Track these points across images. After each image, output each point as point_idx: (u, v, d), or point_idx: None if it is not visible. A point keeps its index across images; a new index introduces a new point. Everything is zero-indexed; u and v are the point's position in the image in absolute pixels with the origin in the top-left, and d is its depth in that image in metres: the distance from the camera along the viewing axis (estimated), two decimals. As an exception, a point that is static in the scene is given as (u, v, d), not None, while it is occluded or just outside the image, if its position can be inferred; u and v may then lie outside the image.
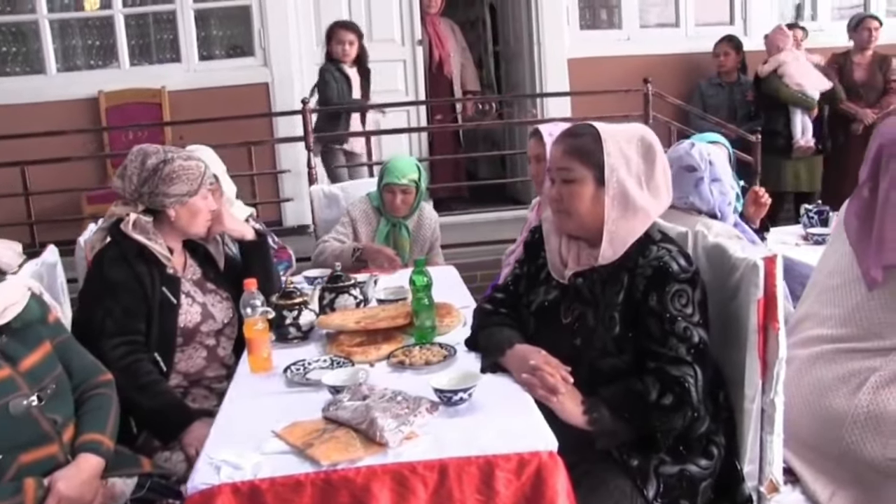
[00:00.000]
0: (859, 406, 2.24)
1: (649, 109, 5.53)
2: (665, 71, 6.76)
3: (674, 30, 7.17)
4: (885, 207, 2.27)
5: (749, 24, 7.16)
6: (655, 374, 2.14)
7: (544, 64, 6.79)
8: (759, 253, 2.22)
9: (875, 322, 2.28)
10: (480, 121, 6.60)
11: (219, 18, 6.78)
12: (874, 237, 2.29)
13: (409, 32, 6.69)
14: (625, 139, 2.26)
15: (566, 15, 6.82)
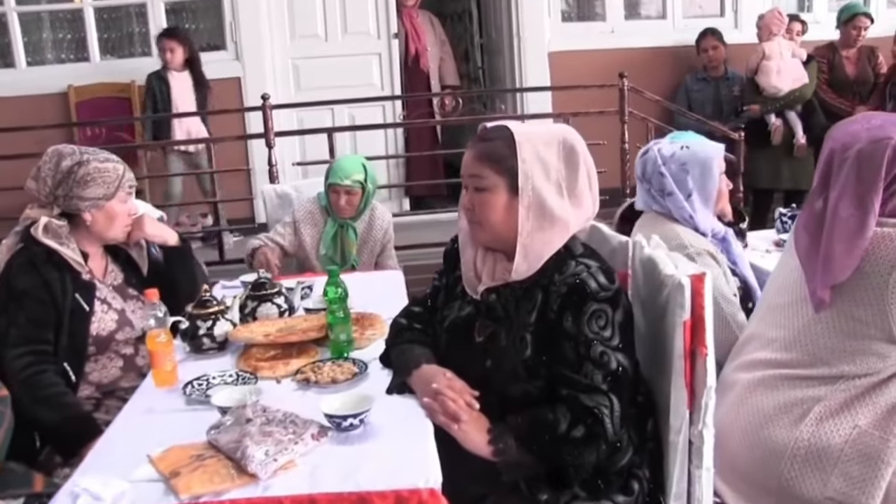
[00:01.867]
0: (800, 439, 2.04)
1: (625, 105, 5.32)
2: (651, 64, 6.57)
3: (661, 22, 6.95)
4: (833, 221, 2.07)
5: (740, 15, 6.93)
6: (568, 403, 1.94)
7: (524, 57, 6.59)
8: (688, 269, 2.01)
9: (821, 347, 2.08)
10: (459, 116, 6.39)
11: (190, 12, 6.63)
12: (821, 254, 2.08)
13: (385, 25, 6.50)
14: (543, 142, 2.04)
15: (547, 6, 6.62)
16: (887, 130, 2.03)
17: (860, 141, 2.05)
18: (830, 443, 2.01)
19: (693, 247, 2.68)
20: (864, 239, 1.99)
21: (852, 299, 2.02)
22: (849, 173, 2.04)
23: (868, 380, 2.02)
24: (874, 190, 2.00)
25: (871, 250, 1.99)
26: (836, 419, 2.02)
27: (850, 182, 2.03)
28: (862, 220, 2.00)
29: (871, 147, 2.02)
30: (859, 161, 2.03)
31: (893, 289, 1.96)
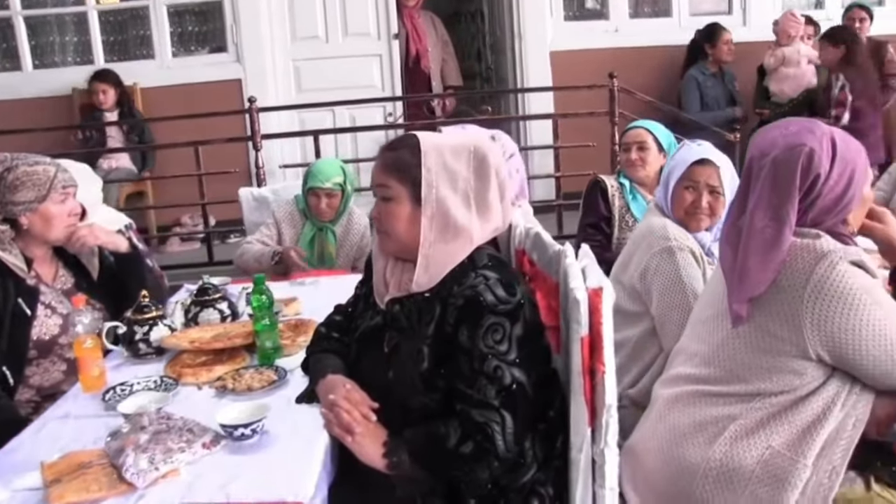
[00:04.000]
0: (713, 458, 1.98)
1: (615, 106, 5.24)
2: (657, 63, 6.50)
3: (666, 20, 6.83)
4: (749, 232, 1.98)
5: (748, 13, 6.79)
6: (460, 417, 1.91)
7: (525, 57, 6.53)
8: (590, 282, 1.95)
9: (738, 363, 2.00)
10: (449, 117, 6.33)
11: (192, 14, 6.67)
12: (737, 267, 2.01)
13: (385, 26, 6.47)
14: (452, 152, 2.01)
15: (549, 5, 6.55)
16: (802, 137, 1.95)
17: (776, 148, 1.96)
18: (742, 463, 1.94)
19: (676, 241, 2.63)
20: (780, 252, 1.91)
21: (768, 314, 1.94)
22: (764, 182, 1.96)
23: (784, 398, 1.95)
24: (789, 200, 1.92)
25: (788, 262, 1.92)
26: (750, 439, 1.96)
27: (766, 192, 1.96)
28: (777, 232, 1.92)
29: (786, 155, 1.94)
30: (774, 169, 1.95)
31: (808, 303, 1.88)
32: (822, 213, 1.96)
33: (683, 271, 2.55)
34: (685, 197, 2.70)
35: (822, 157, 1.92)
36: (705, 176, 2.69)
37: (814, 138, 1.94)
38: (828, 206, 1.95)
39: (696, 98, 6.19)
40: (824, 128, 1.98)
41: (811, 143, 1.93)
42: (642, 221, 2.88)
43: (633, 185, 3.67)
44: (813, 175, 1.91)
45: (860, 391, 1.96)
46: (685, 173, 2.69)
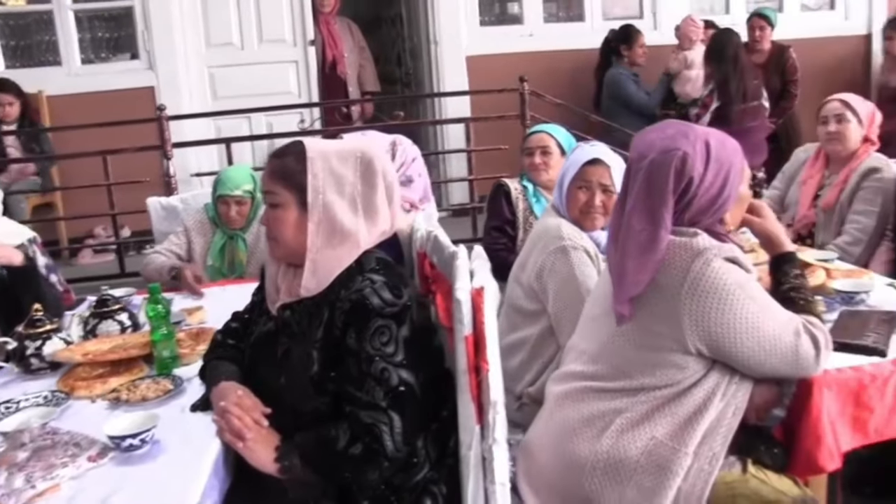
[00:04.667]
0: (600, 451, 2.03)
1: (526, 109, 5.31)
2: (571, 66, 6.58)
3: (580, 24, 6.94)
4: (626, 234, 2.04)
5: (658, 17, 6.93)
6: (349, 420, 1.94)
7: (441, 62, 6.57)
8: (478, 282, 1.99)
9: (624, 360, 2.06)
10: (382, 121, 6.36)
11: (101, 20, 6.55)
12: (616, 266, 2.06)
13: (301, 32, 6.46)
14: (338, 157, 2.04)
15: (464, 11, 6.60)
16: (677, 141, 2.00)
17: (653, 151, 2.02)
18: (628, 455, 2.00)
19: (570, 240, 2.67)
20: (656, 253, 1.96)
21: (650, 312, 2.00)
22: (641, 185, 2.01)
23: (668, 391, 2.01)
24: (663, 203, 1.97)
25: (666, 261, 1.97)
26: (635, 431, 2.01)
27: (642, 194, 2.01)
28: (653, 235, 1.97)
29: (661, 158, 1.99)
30: (650, 173, 2.00)
31: (686, 300, 1.94)
32: (699, 213, 2.02)
33: (577, 270, 2.60)
34: (579, 197, 2.75)
35: (696, 161, 1.98)
36: (597, 176, 2.74)
37: (687, 142, 1.99)
38: (704, 207, 2.01)
39: (638, 90, 6.25)
40: (699, 131, 2.04)
41: (685, 146, 1.98)
42: (538, 222, 2.93)
43: (537, 187, 3.71)
44: (687, 178, 1.97)
45: (739, 381, 2.03)
46: (578, 174, 2.75)
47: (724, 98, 5.50)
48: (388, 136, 3.19)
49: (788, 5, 7.36)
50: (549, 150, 3.66)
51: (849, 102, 3.76)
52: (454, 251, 2.30)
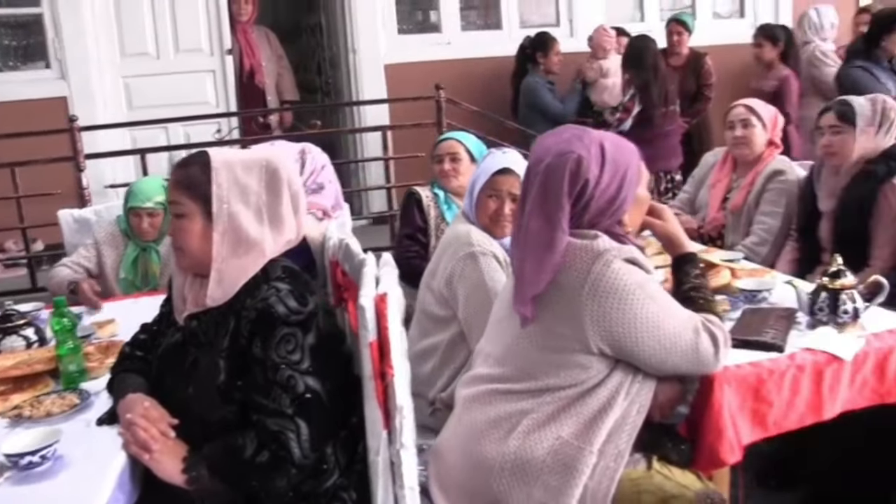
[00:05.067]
0: (507, 452, 2.05)
1: (442, 117, 5.35)
2: (489, 74, 6.63)
3: (497, 32, 7.00)
4: (525, 236, 2.08)
5: (575, 24, 7.04)
6: (256, 428, 1.94)
7: (360, 70, 6.57)
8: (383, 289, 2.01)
9: (529, 361, 2.09)
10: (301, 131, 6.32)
11: (9, 27, 6.37)
12: (516, 267, 2.10)
13: (218, 42, 6.39)
14: (243, 167, 2.05)
15: (382, 19, 6.61)
16: (573, 144, 2.04)
17: (549, 155, 2.05)
18: (534, 455, 2.02)
19: (479, 246, 2.69)
20: (553, 254, 2.00)
21: (553, 313, 2.03)
22: (538, 188, 2.04)
23: (572, 391, 2.04)
24: (559, 205, 2.00)
25: (567, 263, 2.01)
26: (541, 431, 2.04)
27: (539, 197, 2.04)
28: (550, 236, 2.00)
29: (556, 162, 2.03)
30: (546, 176, 2.03)
31: (587, 300, 1.98)
32: (597, 214, 2.06)
33: (487, 276, 2.63)
34: (489, 205, 2.78)
35: (591, 163, 2.01)
36: (507, 185, 2.77)
37: (582, 145, 2.03)
38: (602, 209, 2.05)
39: (554, 99, 6.30)
40: (594, 134, 2.08)
41: (579, 150, 2.02)
42: (449, 229, 2.95)
43: (448, 194, 3.74)
44: (582, 180, 2.01)
45: (642, 380, 2.07)
46: (488, 182, 2.78)
47: (646, 103, 5.60)
48: (297, 144, 3.20)
49: (701, 13, 7.54)
50: (459, 157, 3.69)
51: (754, 108, 3.88)
52: (363, 258, 2.31)
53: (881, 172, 3.29)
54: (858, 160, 3.36)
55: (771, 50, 5.98)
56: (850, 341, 2.35)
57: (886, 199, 3.26)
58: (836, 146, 3.39)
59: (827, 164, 3.50)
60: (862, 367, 2.34)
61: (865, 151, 3.35)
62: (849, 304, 2.43)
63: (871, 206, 3.29)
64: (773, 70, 6.00)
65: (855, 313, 2.44)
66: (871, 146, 3.34)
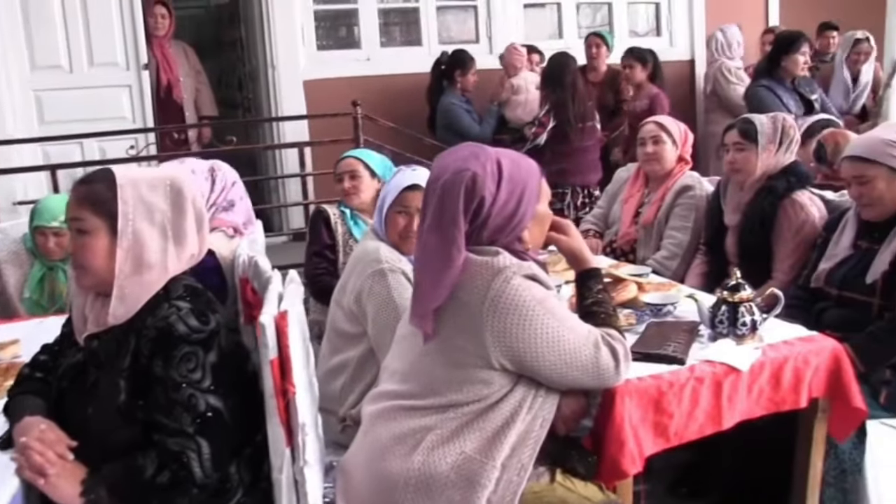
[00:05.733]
0: (412, 468, 2.05)
1: (359, 133, 5.35)
2: (408, 90, 6.64)
3: (417, 49, 7.03)
4: (423, 252, 2.11)
5: (494, 41, 7.11)
6: (157, 448, 1.91)
7: (279, 86, 6.53)
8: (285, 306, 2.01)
9: (433, 377, 2.11)
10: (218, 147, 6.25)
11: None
12: (415, 283, 2.12)
13: (134, 56, 6.26)
14: (148, 185, 2.04)
15: (301, 35, 6.58)
16: (468, 162, 2.07)
17: (446, 173, 2.08)
18: (438, 470, 2.03)
19: (388, 263, 2.70)
20: (450, 270, 2.02)
21: (454, 329, 2.05)
22: (435, 205, 2.07)
23: (475, 406, 2.06)
24: (455, 223, 2.02)
25: (467, 280, 2.03)
26: (445, 447, 2.05)
27: (436, 214, 2.06)
28: (446, 253, 2.02)
29: (452, 179, 2.05)
30: (442, 193, 2.06)
31: (487, 317, 2.00)
32: (496, 231, 2.08)
33: (395, 292, 2.63)
34: (398, 221, 2.79)
35: (487, 180, 2.04)
36: (416, 201, 2.77)
37: (478, 163, 2.06)
38: (500, 225, 2.08)
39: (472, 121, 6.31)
40: (490, 152, 2.11)
41: (475, 167, 2.05)
42: (358, 245, 2.96)
43: (354, 211, 3.76)
44: (478, 198, 2.04)
45: (545, 394, 2.11)
46: (397, 198, 2.79)
47: (561, 119, 5.68)
48: (207, 161, 3.17)
49: (619, 31, 7.68)
50: (358, 174, 3.71)
51: (664, 125, 3.97)
52: (269, 276, 2.31)
53: (781, 188, 3.40)
54: (761, 176, 3.46)
55: (641, 71, 6.17)
56: (747, 353, 2.42)
57: (786, 213, 3.36)
58: (740, 163, 3.49)
59: (732, 180, 3.60)
60: (758, 377, 2.42)
61: (767, 168, 3.45)
62: (747, 317, 2.50)
63: (772, 221, 3.39)
64: (643, 90, 6.18)
65: (753, 325, 2.51)
66: (772, 163, 3.45)
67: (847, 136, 3.82)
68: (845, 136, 3.83)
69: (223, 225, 3.16)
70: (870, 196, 2.90)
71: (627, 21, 7.81)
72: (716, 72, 6.74)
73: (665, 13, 7.88)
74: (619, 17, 7.71)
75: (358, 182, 3.71)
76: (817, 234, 3.27)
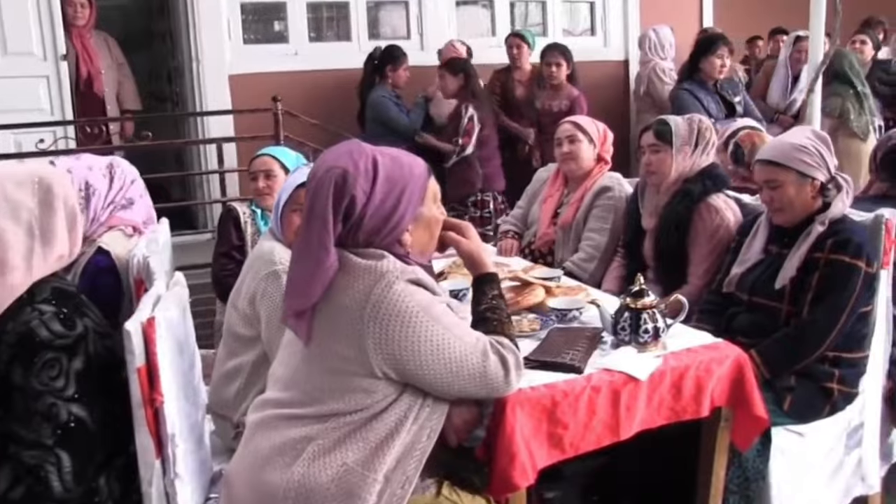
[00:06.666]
0: (292, 480, 1.96)
1: (279, 129, 5.23)
2: (337, 86, 6.53)
3: (346, 44, 6.91)
4: (297, 248, 2.05)
5: (426, 38, 7.03)
6: (12, 461, 1.81)
7: (204, 80, 6.37)
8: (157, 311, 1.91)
9: (314, 385, 2.02)
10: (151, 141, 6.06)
11: None
12: (288, 280, 2.05)
13: (52, 46, 6.05)
14: (14, 183, 1.95)
15: (227, 29, 6.43)
16: (341, 159, 1.99)
17: (320, 170, 2.00)
18: (319, 482, 1.95)
19: (282, 265, 2.59)
20: (319, 270, 1.93)
21: (335, 336, 1.97)
22: (310, 202, 1.99)
23: (358, 416, 1.98)
24: (324, 221, 1.94)
25: (347, 283, 1.95)
26: (326, 458, 1.97)
27: (308, 212, 1.99)
28: (316, 253, 1.95)
29: (323, 177, 1.97)
30: (315, 190, 1.98)
31: (368, 323, 1.92)
32: (372, 233, 2.00)
33: None
34: (293, 220, 2.69)
35: (359, 179, 1.96)
36: None
37: (351, 160, 1.98)
38: (377, 226, 2.00)
39: (400, 113, 6.19)
40: (368, 150, 2.03)
41: (347, 165, 1.97)
42: (256, 247, 2.86)
43: (265, 212, 3.65)
44: (348, 196, 1.95)
45: (433, 403, 2.03)
46: (292, 196, 2.70)
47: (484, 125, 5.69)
48: (105, 158, 3.04)
49: (552, 30, 7.65)
50: (273, 174, 3.60)
51: (580, 124, 3.92)
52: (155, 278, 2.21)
53: (697, 191, 3.36)
54: (677, 179, 3.43)
55: (565, 69, 6.10)
56: (647, 361, 2.37)
57: (701, 217, 3.33)
58: (655, 165, 3.45)
59: (649, 183, 3.56)
60: (659, 386, 2.36)
61: (683, 170, 3.42)
62: (650, 324, 2.45)
63: (687, 225, 3.35)
64: (563, 90, 6.15)
65: (656, 332, 2.46)
66: (687, 165, 3.41)
67: (764, 138, 3.79)
68: (762, 138, 3.80)
69: (121, 224, 3.03)
70: (780, 201, 2.88)
71: (561, 21, 7.76)
72: (650, 72, 6.74)
73: (600, 13, 7.86)
74: (552, 17, 7.66)
75: (273, 182, 3.60)
76: (732, 238, 3.24)
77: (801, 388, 2.80)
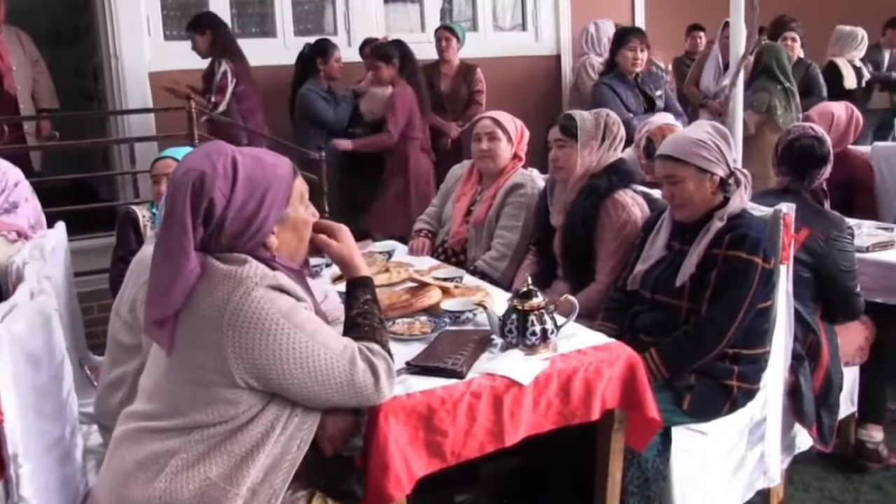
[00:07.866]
0: (153, 496, 1.87)
1: (193, 128, 5.10)
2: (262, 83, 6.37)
3: (271, 40, 6.76)
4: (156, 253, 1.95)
5: (353, 34, 6.92)
6: None
7: (123, 77, 6.19)
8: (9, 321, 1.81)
9: (177, 396, 1.93)
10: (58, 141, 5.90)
11: None
12: (148, 286, 1.96)
13: (-41, 42, 5.89)
14: None
15: (147, 25, 6.25)
16: (199, 160, 1.91)
17: (179, 171, 1.92)
18: (180, 498, 1.86)
19: None
20: (179, 276, 1.85)
21: (195, 345, 1.88)
22: (168, 206, 1.91)
23: (222, 428, 1.90)
24: (181, 225, 1.86)
25: (207, 290, 1.87)
26: (189, 472, 1.88)
27: (167, 215, 1.91)
28: (174, 258, 1.86)
29: (180, 179, 1.89)
30: (173, 193, 1.90)
31: (227, 332, 1.84)
32: (235, 236, 1.92)
33: None
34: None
35: (217, 181, 1.87)
36: None
37: (209, 162, 1.90)
38: (239, 230, 1.91)
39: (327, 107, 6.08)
40: (228, 150, 1.94)
41: (205, 166, 1.89)
42: (139, 252, 2.74)
43: (167, 213, 3.54)
44: (206, 199, 1.86)
45: (302, 413, 1.96)
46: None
47: None
48: (-3, 159, 2.94)
49: (482, 25, 7.57)
50: None
51: (499, 121, 3.85)
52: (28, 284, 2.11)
53: (603, 187, 3.32)
54: (584, 174, 3.38)
55: (387, 69, 5.96)
56: (531, 365, 2.30)
57: (607, 213, 3.29)
58: (562, 160, 3.41)
59: (556, 179, 3.51)
60: (545, 390, 2.30)
61: (590, 165, 3.38)
62: (537, 326, 2.39)
63: (594, 221, 3.31)
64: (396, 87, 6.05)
65: (544, 334, 2.39)
66: (594, 160, 3.37)
67: (675, 131, 3.75)
68: (673, 131, 3.76)
69: (4, 228, 2.93)
70: (680, 196, 2.85)
71: (492, 15, 7.70)
72: (580, 67, 6.71)
73: (531, 8, 7.78)
74: (483, 12, 7.58)
75: None
76: (638, 234, 3.20)
77: (701, 386, 2.76)
